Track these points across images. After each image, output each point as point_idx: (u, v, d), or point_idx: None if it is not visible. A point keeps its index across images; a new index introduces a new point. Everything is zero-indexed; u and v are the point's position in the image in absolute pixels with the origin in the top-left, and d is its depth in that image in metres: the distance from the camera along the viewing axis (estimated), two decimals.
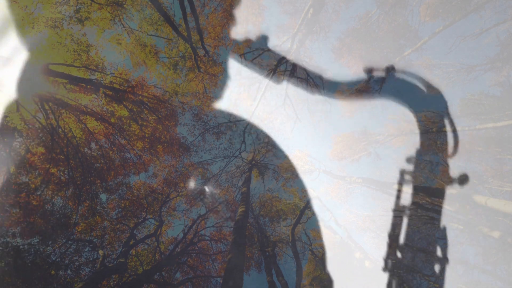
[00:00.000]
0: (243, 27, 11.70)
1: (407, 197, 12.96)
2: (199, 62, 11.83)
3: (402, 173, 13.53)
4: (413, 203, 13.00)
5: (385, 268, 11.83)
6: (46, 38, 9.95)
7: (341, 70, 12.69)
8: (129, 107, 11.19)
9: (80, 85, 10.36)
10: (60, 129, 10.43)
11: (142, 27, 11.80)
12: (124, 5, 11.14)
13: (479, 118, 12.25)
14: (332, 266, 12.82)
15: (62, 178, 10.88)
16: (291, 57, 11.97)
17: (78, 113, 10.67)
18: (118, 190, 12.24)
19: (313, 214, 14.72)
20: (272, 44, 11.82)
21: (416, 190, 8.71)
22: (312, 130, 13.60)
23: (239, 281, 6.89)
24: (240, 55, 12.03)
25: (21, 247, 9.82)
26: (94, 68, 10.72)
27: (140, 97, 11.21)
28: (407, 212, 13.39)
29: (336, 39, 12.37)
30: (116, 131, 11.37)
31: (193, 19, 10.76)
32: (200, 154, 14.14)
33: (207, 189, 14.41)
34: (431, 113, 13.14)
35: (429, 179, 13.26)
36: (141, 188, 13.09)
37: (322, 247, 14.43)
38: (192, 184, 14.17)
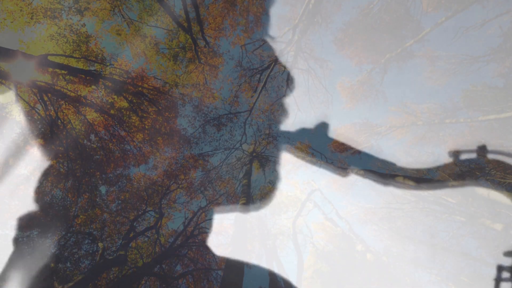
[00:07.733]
0: (244, 18, 11.61)
1: (409, 190, 12.91)
2: (199, 53, 11.72)
3: (404, 165, 13.51)
4: (415, 195, 12.96)
5: (387, 261, 11.77)
6: (45, 28, 9.90)
7: (343, 61, 12.65)
8: (129, 99, 11.09)
9: (79, 76, 10.24)
10: (59, 121, 10.34)
11: (142, 17, 11.71)
12: None
13: (482, 109, 12.16)
14: (333, 259, 12.77)
15: (61, 170, 10.81)
16: (292, 48, 11.88)
17: (78, 104, 10.57)
18: (118, 182, 12.17)
19: (314, 206, 14.67)
20: (273, 35, 11.74)
21: (418, 182, 8.63)
22: (313, 122, 13.54)
23: (240, 274, 6.80)
24: (241, 46, 11.95)
25: (20, 239, 9.76)
26: (94, 59, 10.66)
27: (140, 88, 11.11)
28: (409, 204, 13.36)
29: (338, 30, 12.29)
30: (116, 123, 11.28)
31: (193, 9, 10.66)
32: (201, 146, 14.08)
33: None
34: (433, 105, 13.10)
35: (431, 171, 13.18)
36: (141, 180, 13.01)
37: (323, 240, 14.38)
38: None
